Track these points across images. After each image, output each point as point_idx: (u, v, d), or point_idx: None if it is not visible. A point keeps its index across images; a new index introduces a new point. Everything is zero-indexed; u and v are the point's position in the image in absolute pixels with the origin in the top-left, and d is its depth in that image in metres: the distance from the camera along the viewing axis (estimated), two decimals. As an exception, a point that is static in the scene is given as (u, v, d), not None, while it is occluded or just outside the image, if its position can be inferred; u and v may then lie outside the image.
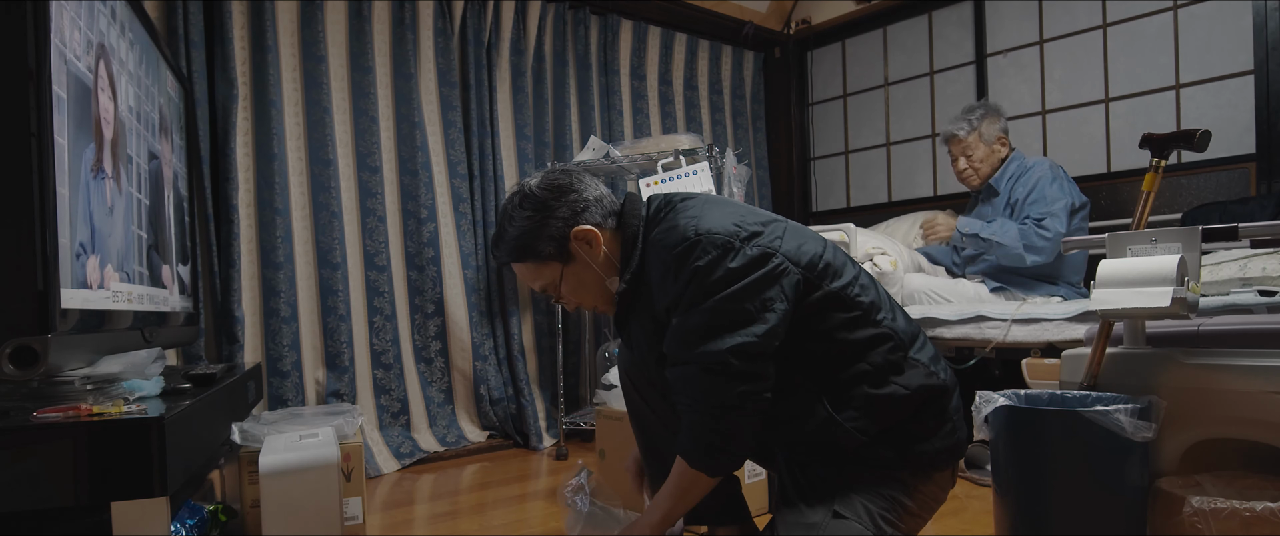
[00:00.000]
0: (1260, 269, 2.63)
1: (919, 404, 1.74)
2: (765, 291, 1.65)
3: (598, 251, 1.84)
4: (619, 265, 1.86)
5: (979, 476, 3.19)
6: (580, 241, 1.83)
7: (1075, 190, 3.87)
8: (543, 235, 1.82)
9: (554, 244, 1.82)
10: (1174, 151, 2.27)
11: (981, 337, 3.41)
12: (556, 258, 1.83)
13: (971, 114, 4.03)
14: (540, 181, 1.87)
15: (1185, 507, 1.89)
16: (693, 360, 1.64)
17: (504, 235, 1.87)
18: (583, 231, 1.83)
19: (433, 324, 4.13)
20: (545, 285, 1.89)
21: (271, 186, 3.59)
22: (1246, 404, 1.96)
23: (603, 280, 1.86)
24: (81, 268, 1.79)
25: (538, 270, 1.86)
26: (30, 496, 1.53)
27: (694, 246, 1.66)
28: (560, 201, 1.84)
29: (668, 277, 1.70)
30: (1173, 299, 1.90)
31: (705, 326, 1.63)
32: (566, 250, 1.83)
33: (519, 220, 1.84)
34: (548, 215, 1.82)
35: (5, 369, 1.55)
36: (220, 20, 3.48)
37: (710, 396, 1.63)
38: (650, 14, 5.15)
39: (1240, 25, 3.87)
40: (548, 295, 1.96)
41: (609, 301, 1.91)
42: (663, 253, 1.72)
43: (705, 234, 1.67)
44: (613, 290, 1.87)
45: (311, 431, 2.61)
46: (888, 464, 1.72)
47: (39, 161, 1.61)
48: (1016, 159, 3.98)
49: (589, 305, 1.94)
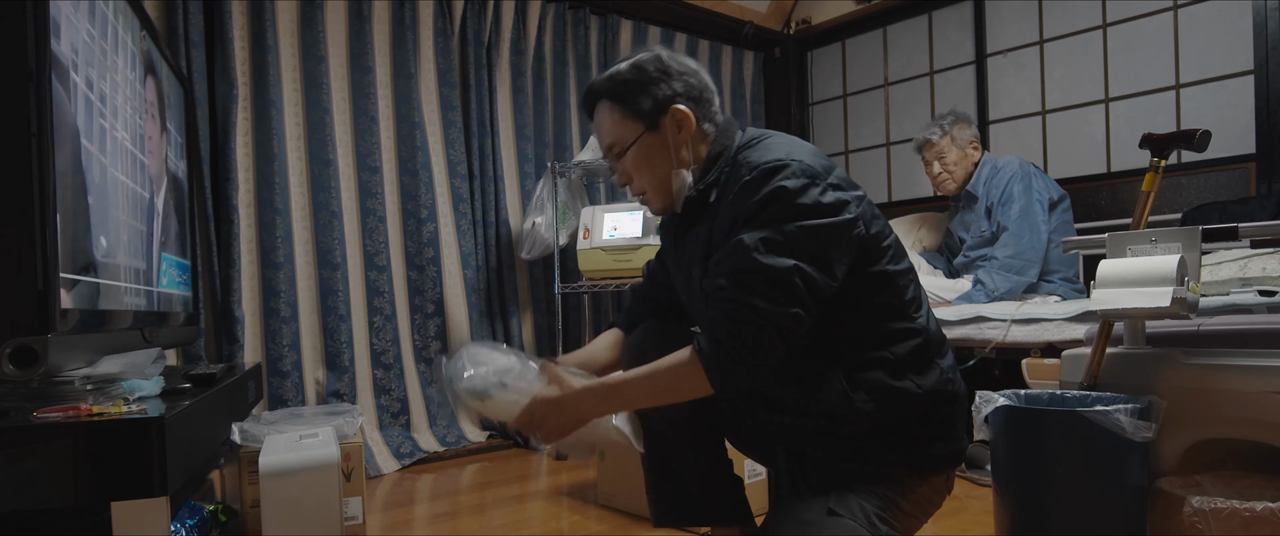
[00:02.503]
0: (1260, 269, 2.64)
1: (929, 406, 1.73)
2: (838, 238, 1.63)
3: (683, 138, 1.81)
4: (698, 168, 1.82)
5: (979, 476, 3.19)
6: (674, 120, 1.79)
7: (1050, 184, 3.89)
8: (647, 90, 1.79)
9: (651, 103, 1.78)
10: (1174, 151, 2.27)
11: (981, 338, 3.41)
12: (643, 120, 1.79)
13: (943, 120, 4.07)
14: (676, 55, 1.86)
15: (1185, 507, 1.89)
16: (757, 269, 1.57)
17: (614, 71, 1.83)
18: (682, 112, 1.79)
19: (433, 324, 4.13)
20: (614, 143, 1.83)
21: (271, 186, 3.59)
22: (1246, 404, 1.96)
23: (672, 168, 1.81)
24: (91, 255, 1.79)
25: (620, 122, 1.81)
26: (30, 496, 1.53)
27: (784, 167, 1.63)
28: (681, 77, 1.82)
29: (748, 191, 1.65)
30: (1173, 299, 1.90)
31: (779, 241, 1.58)
32: (657, 120, 1.79)
33: (635, 67, 1.82)
34: (663, 78, 1.80)
35: (5, 369, 1.55)
36: (220, 20, 3.48)
37: (759, 305, 1.55)
38: (650, 14, 5.15)
39: (1240, 25, 3.87)
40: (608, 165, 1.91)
41: (664, 194, 1.85)
42: (748, 169, 1.68)
43: (798, 161, 1.65)
44: (678, 185, 1.82)
45: (311, 431, 2.62)
46: (885, 463, 1.71)
47: (39, 162, 1.61)
48: (988, 161, 4.00)
49: (642, 188, 1.86)
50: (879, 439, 1.71)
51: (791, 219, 1.59)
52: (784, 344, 1.59)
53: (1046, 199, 3.80)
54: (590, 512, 2.99)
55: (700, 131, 1.83)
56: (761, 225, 1.60)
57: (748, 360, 1.57)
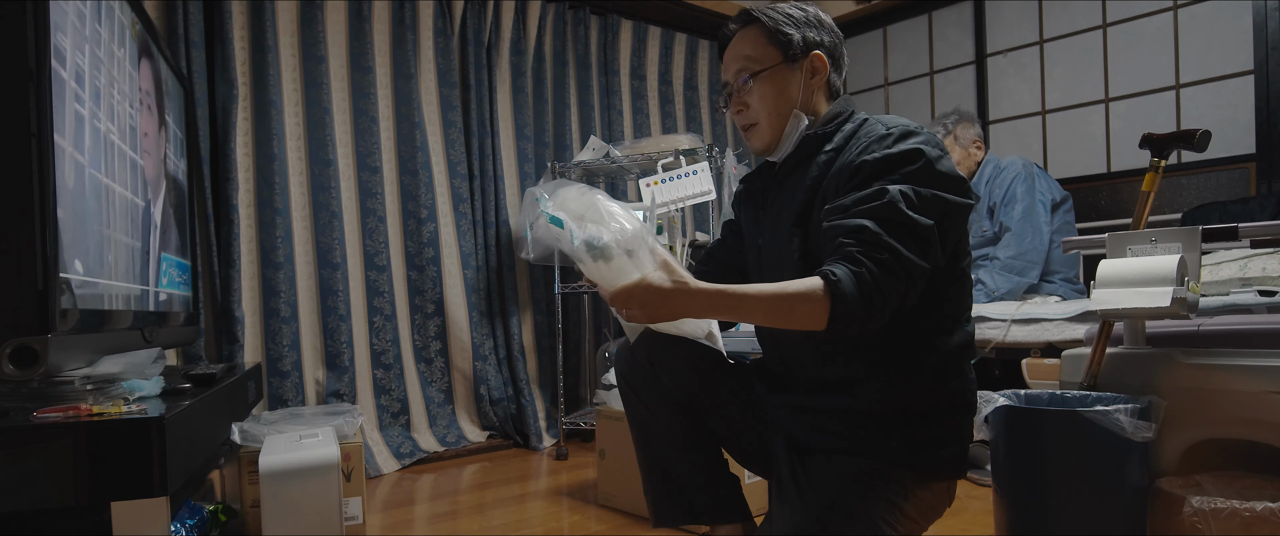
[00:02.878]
0: (1260, 269, 2.64)
1: (946, 408, 1.74)
2: (960, 217, 1.66)
3: (815, 84, 1.84)
4: (815, 121, 1.84)
5: (979, 476, 3.19)
6: (812, 64, 1.83)
7: (1053, 185, 3.89)
8: (800, 28, 1.82)
9: (801, 38, 1.82)
10: (1174, 151, 2.28)
11: (982, 338, 3.41)
12: (786, 51, 1.82)
13: (947, 118, 4.06)
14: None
15: (1185, 507, 1.89)
16: (904, 220, 1.55)
17: (773, 4, 1.86)
18: (822, 59, 1.83)
19: (433, 324, 4.13)
20: (749, 63, 1.84)
21: (271, 186, 3.59)
22: (1247, 404, 1.96)
23: (795, 106, 1.83)
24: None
25: (764, 46, 1.83)
26: (31, 496, 1.53)
27: (919, 133, 1.67)
28: (832, 33, 1.88)
29: (885, 142, 1.66)
30: (1173, 299, 1.91)
31: (917, 201, 1.58)
32: (799, 57, 1.82)
33: (798, 7, 1.86)
34: (817, 26, 1.85)
35: (5, 369, 1.55)
36: (220, 20, 3.48)
37: (903, 253, 1.53)
38: (650, 14, 5.15)
39: (1240, 25, 3.87)
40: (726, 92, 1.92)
41: (774, 129, 1.85)
42: (884, 127, 1.71)
43: (930, 133, 1.68)
44: (792, 126, 1.83)
45: (311, 431, 2.62)
46: (890, 461, 1.71)
47: (39, 162, 1.61)
48: (991, 161, 4.00)
49: (755, 117, 1.87)
50: (889, 429, 1.70)
51: (929, 184, 1.60)
52: (908, 296, 1.58)
53: (1049, 200, 3.80)
54: (590, 512, 2.99)
55: (827, 87, 1.87)
56: (902, 180, 1.60)
57: (877, 303, 1.53)
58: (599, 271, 1.69)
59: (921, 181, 1.60)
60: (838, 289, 1.50)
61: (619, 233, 1.69)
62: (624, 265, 1.67)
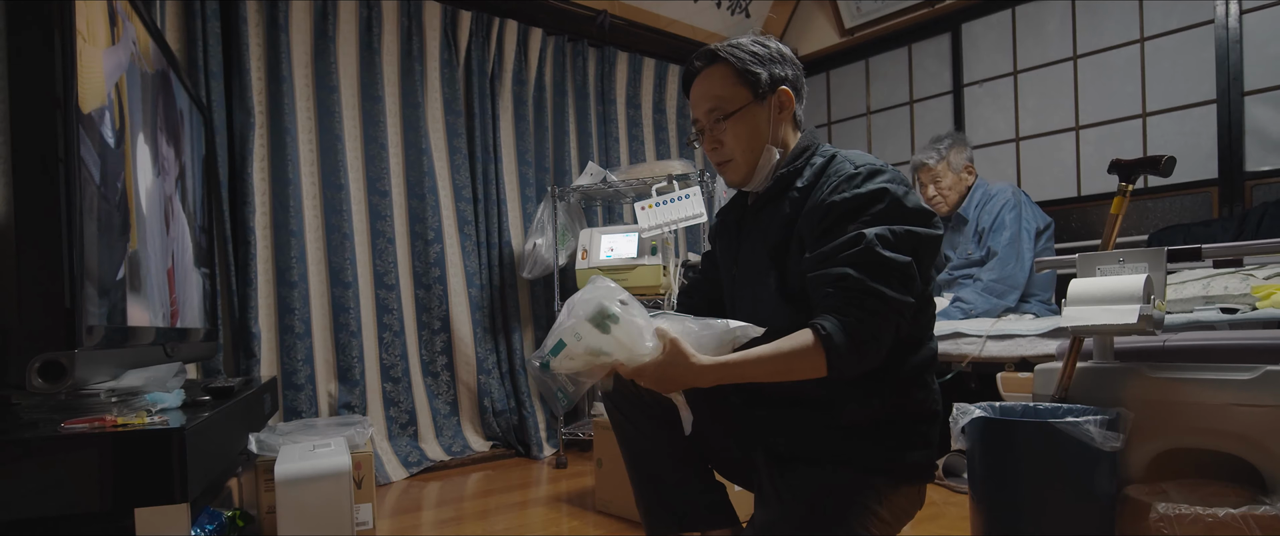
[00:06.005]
0: (1222, 287, 2.65)
1: (915, 417, 1.75)
2: (933, 248, 1.66)
3: (782, 116, 1.83)
4: (785, 154, 1.84)
5: (956, 484, 3.20)
6: (780, 98, 1.82)
7: (1039, 213, 3.89)
8: (766, 65, 1.81)
9: (768, 76, 1.80)
10: (1141, 176, 2.29)
11: (959, 352, 3.42)
12: (754, 89, 1.80)
13: (940, 143, 4.04)
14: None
15: (1151, 513, 1.90)
16: (882, 262, 1.57)
17: (734, 42, 1.83)
18: (789, 94, 1.83)
19: (439, 339, 4.13)
20: (720, 104, 1.82)
21: (287, 209, 3.60)
22: (1209, 415, 1.97)
23: (767, 142, 1.83)
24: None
25: (734, 86, 1.81)
26: (59, 502, 1.54)
27: (884, 171, 1.69)
28: (794, 66, 1.86)
29: (852, 183, 1.67)
30: (1139, 316, 1.92)
31: (892, 239, 1.59)
32: (766, 94, 1.81)
33: (760, 43, 1.84)
34: (780, 61, 1.83)
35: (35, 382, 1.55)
36: (238, 52, 3.50)
37: (887, 293, 1.56)
38: (645, 46, 5.18)
39: (1203, 57, 3.90)
40: (697, 129, 1.90)
41: (749, 164, 1.84)
42: (851, 165, 1.71)
43: (894, 169, 1.70)
44: (765, 160, 1.82)
45: (324, 441, 2.62)
46: (865, 467, 1.72)
47: (66, 185, 1.62)
48: (981, 186, 4.00)
49: (731, 154, 1.85)
50: (862, 439, 1.71)
51: (899, 220, 1.62)
52: (900, 329, 1.62)
53: (1034, 228, 3.80)
54: (588, 518, 2.99)
55: (794, 120, 1.87)
56: (873, 221, 1.62)
57: (870, 345, 1.56)
58: (612, 344, 1.61)
59: (892, 220, 1.61)
60: (830, 341, 1.53)
61: (618, 291, 1.65)
62: (631, 324, 1.61)
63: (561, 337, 1.61)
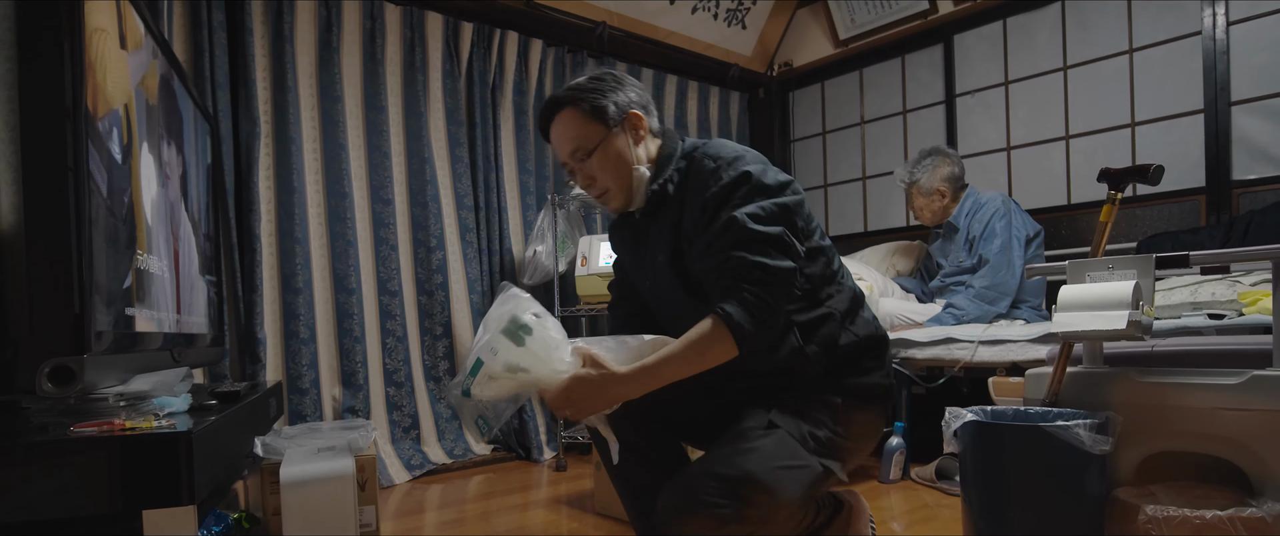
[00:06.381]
0: (1210, 294, 2.66)
1: (865, 348, 1.83)
2: (800, 211, 1.77)
3: (639, 136, 1.89)
4: (652, 167, 1.90)
5: (948, 486, 3.20)
6: (631, 123, 1.88)
7: (1028, 221, 3.90)
8: (608, 96, 1.86)
9: (615, 108, 1.86)
10: (1129, 185, 2.30)
11: (951, 358, 3.43)
12: (606, 122, 1.86)
13: (917, 165, 4.09)
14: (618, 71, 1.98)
15: (1140, 515, 1.90)
16: (756, 236, 1.66)
17: (574, 85, 1.90)
18: (638, 115, 1.89)
19: (441, 344, 4.14)
20: (580, 145, 1.87)
21: (291, 217, 3.60)
22: (1197, 419, 1.98)
23: (632, 166, 1.88)
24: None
25: (585, 125, 1.86)
26: (68, 504, 1.54)
27: (742, 157, 1.78)
28: (633, 87, 1.93)
29: (716, 176, 1.75)
30: (1128, 322, 1.93)
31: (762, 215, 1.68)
32: (618, 123, 1.87)
33: (594, 79, 1.90)
34: (620, 89, 1.90)
35: (45, 387, 1.56)
36: (244, 63, 3.51)
37: (769, 262, 1.65)
38: (643, 57, 5.19)
39: (1191, 68, 3.91)
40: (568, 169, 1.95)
41: (624, 190, 1.90)
42: (712, 160, 1.79)
43: (751, 152, 1.81)
44: (637, 180, 1.89)
45: (329, 444, 2.62)
46: (824, 389, 1.79)
47: (76, 193, 1.62)
48: (972, 195, 4.01)
49: (604, 186, 1.91)
50: (825, 377, 1.80)
51: (764, 197, 1.71)
52: (788, 297, 1.70)
53: (1024, 236, 3.81)
54: (588, 520, 2.99)
55: (650, 135, 1.93)
56: (741, 203, 1.71)
57: (770, 313, 1.66)
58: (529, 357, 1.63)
59: (757, 196, 1.71)
60: (731, 321, 1.63)
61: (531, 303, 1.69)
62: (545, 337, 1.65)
63: (479, 355, 1.64)
